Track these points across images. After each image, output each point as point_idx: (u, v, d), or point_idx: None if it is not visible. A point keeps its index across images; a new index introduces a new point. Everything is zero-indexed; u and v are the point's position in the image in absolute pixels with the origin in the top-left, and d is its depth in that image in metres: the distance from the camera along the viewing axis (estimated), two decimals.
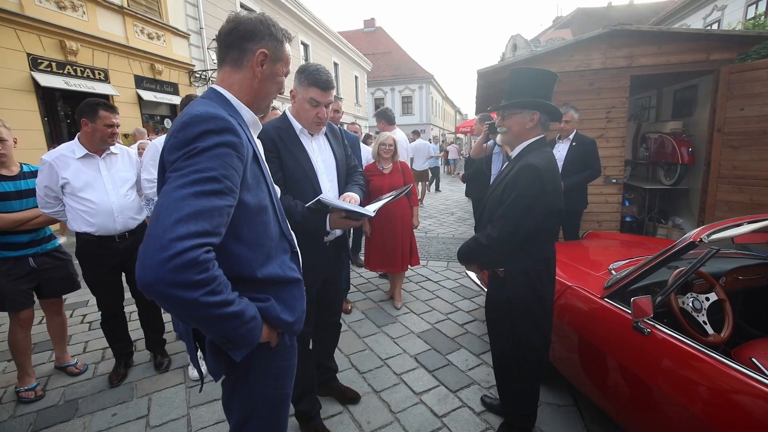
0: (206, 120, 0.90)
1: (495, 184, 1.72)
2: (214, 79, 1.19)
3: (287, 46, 1.13)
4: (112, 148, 2.37)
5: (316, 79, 1.67)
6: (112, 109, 2.28)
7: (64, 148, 2.25)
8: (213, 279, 0.83)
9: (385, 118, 4.24)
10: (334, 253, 2.01)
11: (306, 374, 1.94)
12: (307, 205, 1.67)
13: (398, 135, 4.44)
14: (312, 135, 1.85)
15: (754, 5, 11.72)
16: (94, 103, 2.22)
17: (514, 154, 1.70)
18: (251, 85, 1.09)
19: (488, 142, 4.48)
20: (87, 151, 2.25)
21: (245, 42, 1.04)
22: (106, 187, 2.28)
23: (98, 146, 2.28)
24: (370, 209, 1.72)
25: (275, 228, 1.11)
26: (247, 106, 1.10)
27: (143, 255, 0.78)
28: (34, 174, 2.33)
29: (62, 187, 2.19)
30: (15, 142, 2.31)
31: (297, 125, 1.79)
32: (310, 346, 2.05)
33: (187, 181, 0.84)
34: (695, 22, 14.44)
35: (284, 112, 1.84)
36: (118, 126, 2.31)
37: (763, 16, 10.33)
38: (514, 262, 1.62)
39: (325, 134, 1.94)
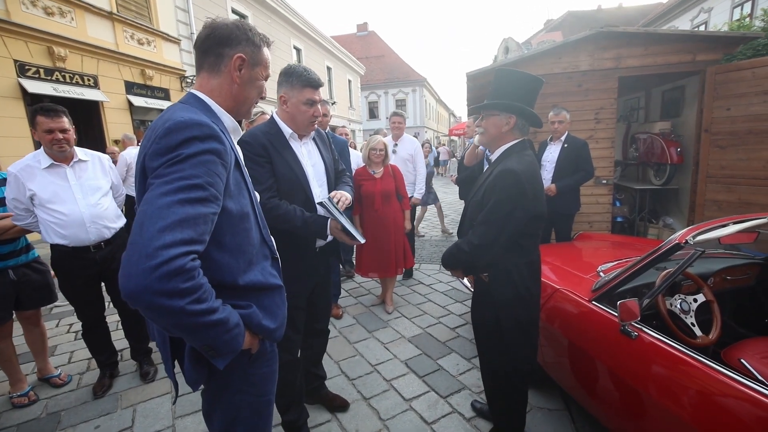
0: (190, 126, 0.89)
1: (476, 188, 1.70)
2: None
3: (266, 51, 1.12)
4: (80, 155, 2.27)
5: (309, 79, 1.69)
6: (51, 113, 2.10)
7: (29, 158, 2.16)
8: (199, 287, 0.82)
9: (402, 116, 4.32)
10: (323, 260, 1.99)
11: (293, 383, 1.91)
12: (318, 201, 1.75)
13: (408, 138, 4.39)
14: (301, 139, 1.83)
15: (740, 7, 11.93)
16: (33, 109, 2.11)
17: (493, 157, 1.69)
18: (230, 90, 1.08)
19: (480, 147, 4.48)
20: (52, 161, 2.15)
21: (221, 47, 1.04)
22: (76, 197, 2.18)
23: (55, 154, 2.15)
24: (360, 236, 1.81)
25: (256, 234, 1.11)
26: (228, 112, 1.10)
27: (127, 264, 0.76)
28: (3, 182, 2.25)
29: (31, 198, 2.11)
30: None
31: (287, 130, 1.77)
32: (299, 354, 2.02)
33: (172, 188, 0.83)
34: (683, 24, 14.66)
35: (271, 117, 1.82)
36: (65, 131, 2.14)
37: (748, 18, 10.50)
38: (498, 267, 1.60)
39: (313, 139, 1.92)
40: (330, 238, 1.90)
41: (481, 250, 1.54)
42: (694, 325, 1.67)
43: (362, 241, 1.80)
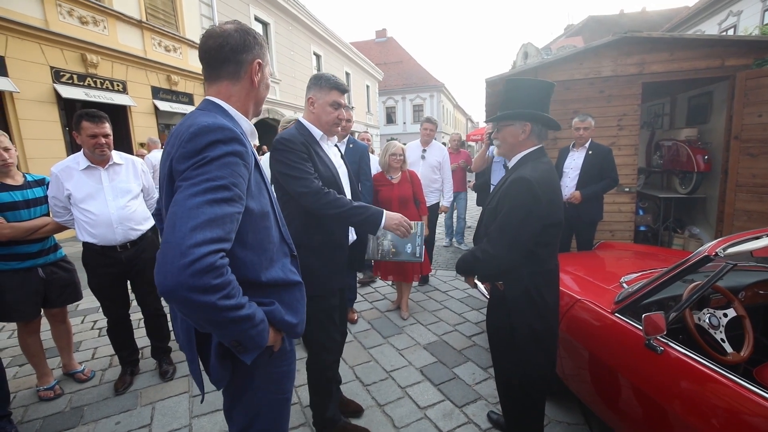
0: (214, 130, 0.93)
1: (491, 195, 1.69)
2: None
3: (267, 50, 1.17)
4: (115, 158, 2.37)
5: (336, 83, 1.79)
6: (96, 119, 2.21)
7: (70, 159, 2.29)
8: (228, 283, 0.86)
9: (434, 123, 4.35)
10: (350, 261, 2.01)
11: (334, 381, 2.01)
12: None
13: (438, 145, 4.42)
14: (328, 142, 1.91)
15: None
16: (78, 114, 2.21)
17: (510, 164, 1.68)
18: (249, 93, 1.13)
19: (488, 153, 4.48)
20: (89, 163, 2.27)
21: (239, 54, 1.07)
22: (107, 199, 2.29)
23: (94, 157, 2.27)
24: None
25: (276, 232, 1.15)
26: (246, 115, 1.14)
27: (162, 262, 0.81)
28: (38, 183, 2.38)
29: (68, 197, 2.23)
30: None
31: (317, 132, 1.82)
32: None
33: (200, 189, 0.87)
34: (710, 28, 14.20)
35: (299, 122, 1.85)
36: (107, 136, 2.26)
37: None
38: (513, 276, 1.57)
39: (335, 144, 2.01)
40: (353, 237, 1.91)
41: (495, 258, 1.52)
42: (723, 341, 1.60)
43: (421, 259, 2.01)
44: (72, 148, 7.42)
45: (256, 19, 12.80)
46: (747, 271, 2.12)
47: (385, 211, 1.76)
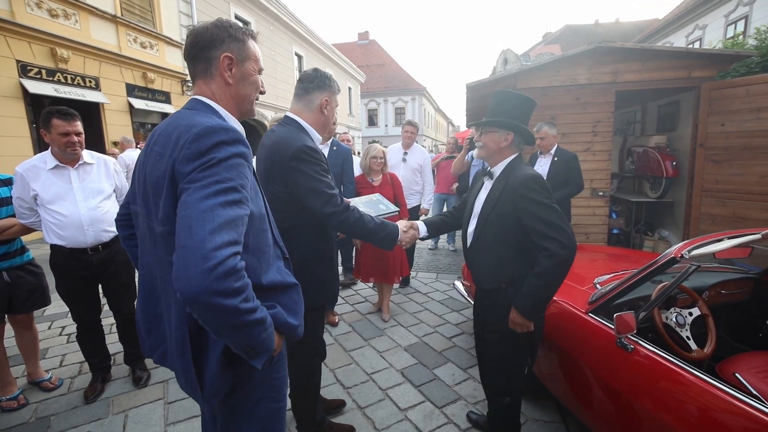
0: (218, 131, 0.91)
1: (491, 202, 1.67)
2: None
3: (252, 44, 1.11)
4: (86, 157, 2.28)
5: (338, 87, 1.75)
6: (68, 116, 2.12)
7: (36, 158, 2.18)
8: (247, 285, 0.85)
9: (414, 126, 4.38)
10: None
11: (319, 384, 1.99)
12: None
13: (419, 148, 4.48)
14: None
15: (733, 25, 12.18)
16: (47, 111, 2.12)
17: (497, 170, 1.72)
18: (227, 91, 1.09)
19: (467, 158, 4.58)
20: (57, 162, 2.17)
21: (207, 51, 1.04)
22: (77, 199, 2.19)
23: (65, 156, 2.18)
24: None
25: (270, 236, 1.13)
26: (232, 114, 1.10)
27: (183, 267, 0.78)
28: (4, 182, 2.26)
29: (34, 198, 2.12)
30: None
31: (317, 137, 1.69)
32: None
33: (211, 192, 0.84)
34: (678, 40, 14.93)
35: (298, 124, 1.66)
36: (79, 134, 2.17)
37: (741, 36, 10.73)
38: (519, 277, 1.63)
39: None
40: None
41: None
42: (689, 339, 1.68)
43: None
44: (39, 146, 7.09)
45: (236, 17, 12.60)
46: (710, 272, 2.23)
47: (397, 225, 1.80)
